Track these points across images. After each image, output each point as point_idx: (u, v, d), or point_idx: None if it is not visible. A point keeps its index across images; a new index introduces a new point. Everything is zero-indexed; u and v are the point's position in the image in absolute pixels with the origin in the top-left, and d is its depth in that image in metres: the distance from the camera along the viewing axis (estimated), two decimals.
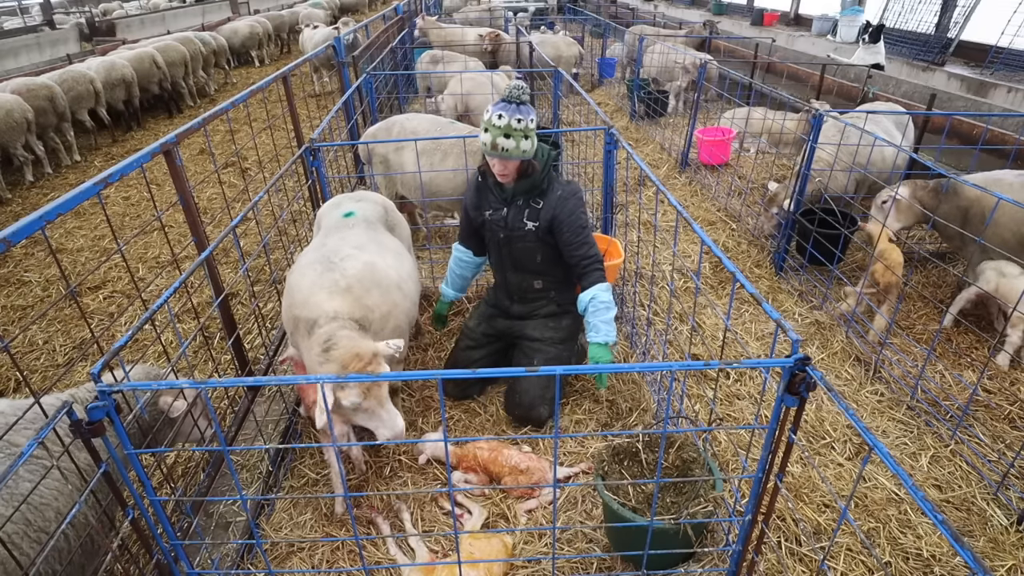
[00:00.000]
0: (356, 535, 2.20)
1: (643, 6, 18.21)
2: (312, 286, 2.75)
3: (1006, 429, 3.29)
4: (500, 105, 2.86)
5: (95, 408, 1.62)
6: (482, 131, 2.92)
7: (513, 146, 2.87)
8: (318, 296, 2.70)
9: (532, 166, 3.07)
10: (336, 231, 3.18)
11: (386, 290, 2.87)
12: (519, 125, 2.84)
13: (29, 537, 1.95)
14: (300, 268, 2.94)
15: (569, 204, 3.11)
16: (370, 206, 3.47)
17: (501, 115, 2.83)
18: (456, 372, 1.69)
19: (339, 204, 3.49)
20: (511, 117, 2.83)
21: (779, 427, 1.86)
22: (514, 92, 2.87)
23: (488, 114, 2.87)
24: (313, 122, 5.65)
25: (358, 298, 2.72)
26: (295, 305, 2.76)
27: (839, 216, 4.63)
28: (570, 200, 3.12)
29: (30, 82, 7.87)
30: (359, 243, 3.05)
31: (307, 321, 2.64)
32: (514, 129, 2.84)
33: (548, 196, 3.15)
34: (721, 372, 3.76)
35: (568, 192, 3.15)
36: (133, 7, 19.92)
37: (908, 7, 8.17)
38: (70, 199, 2.15)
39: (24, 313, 4.88)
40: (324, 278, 2.77)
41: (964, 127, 6.23)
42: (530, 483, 2.91)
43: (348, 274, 2.78)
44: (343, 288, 2.72)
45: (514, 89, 2.87)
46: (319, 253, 2.95)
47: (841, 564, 2.59)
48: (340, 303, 2.67)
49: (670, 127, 8.59)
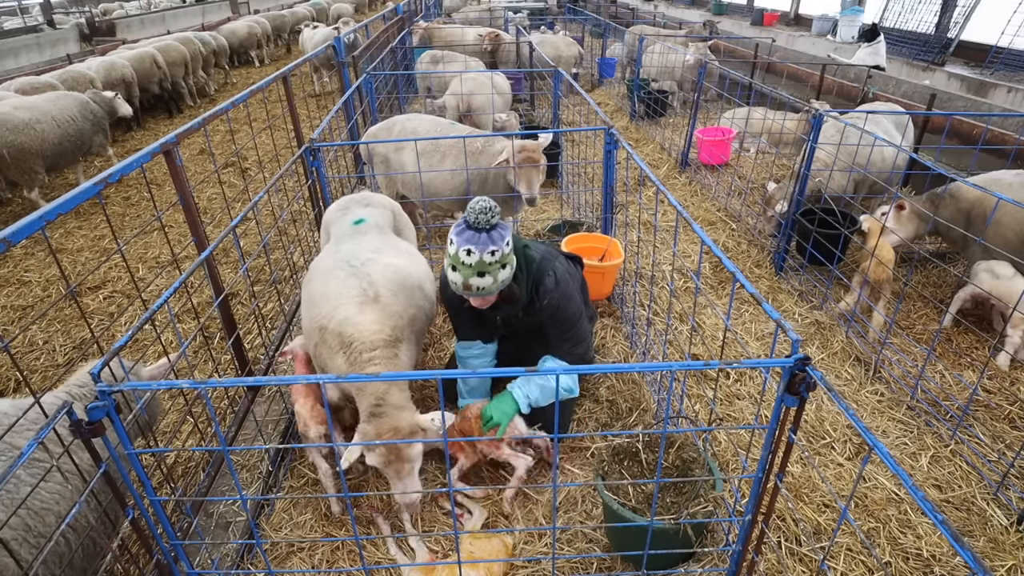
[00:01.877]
0: (356, 535, 2.20)
1: (643, 6, 18.22)
2: (338, 295, 2.71)
3: (1006, 429, 3.29)
4: (466, 236, 2.43)
5: (95, 408, 1.62)
6: (448, 268, 2.51)
7: (490, 283, 2.48)
8: (347, 308, 2.66)
9: (513, 294, 2.67)
10: (349, 238, 3.17)
11: (410, 292, 2.87)
12: (493, 258, 2.43)
13: (28, 543, 1.94)
14: (320, 274, 2.90)
15: (559, 314, 2.84)
16: (379, 211, 3.45)
17: (470, 251, 2.40)
18: (456, 372, 1.69)
19: (347, 209, 3.46)
20: (482, 252, 2.40)
21: (779, 427, 1.86)
22: (480, 218, 2.41)
23: (453, 247, 2.44)
24: (313, 122, 5.65)
25: (387, 306, 2.70)
26: (323, 316, 2.71)
27: (839, 216, 4.63)
28: (559, 309, 2.82)
29: (34, 80, 7.88)
30: (376, 247, 3.04)
31: (339, 337, 2.63)
32: (488, 264, 2.43)
33: (537, 307, 2.82)
34: (721, 372, 3.76)
35: (557, 299, 2.80)
36: (133, 7, 19.91)
37: (908, 7, 8.17)
38: (70, 199, 2.15)
39: (24, 313, 4.88)
40: (349, 285, 2.74)
41: (964, 127, 6.23)
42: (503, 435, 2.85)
43: (374, 280, 2.76)
44: (372, 298, 2.70)
45: (480, 214, 2.41)
46: (337, 258, 2.92)
47: (841, 564, 2.59)
48: (372, 317, 2.64)
49: (670, 127, 8.59)
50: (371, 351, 2.60)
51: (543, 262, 2.82)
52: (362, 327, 2.62)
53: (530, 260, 2.77)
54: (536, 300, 2.80)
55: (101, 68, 9.20)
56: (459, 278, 2.47)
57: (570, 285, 2.88)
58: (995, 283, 3.72)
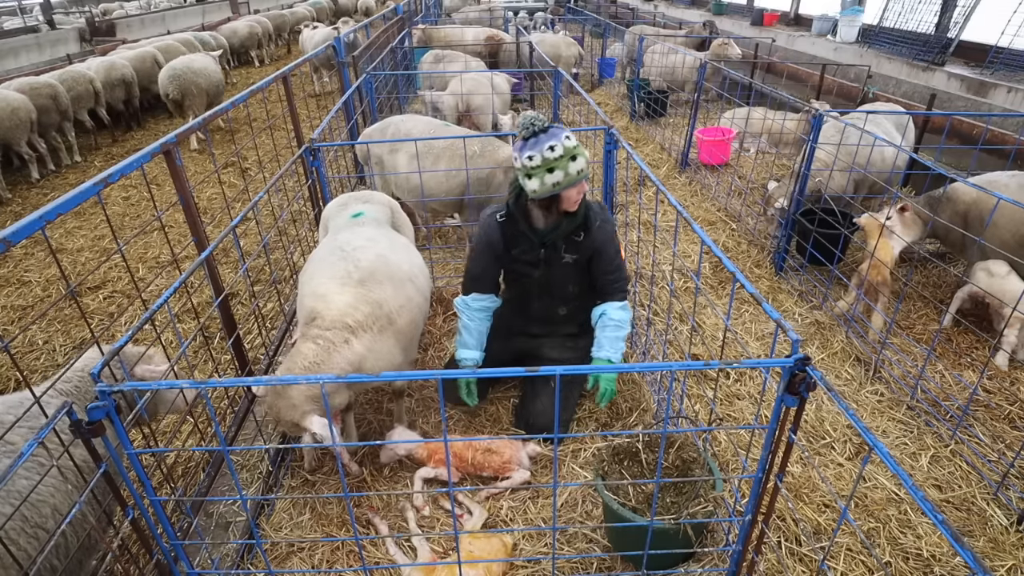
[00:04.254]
0: (356, 535, 2.20)
1: (643, 6, 18.19)
2: (323, 274, 2.79)
3: (1006, 429, 3.29)
4: (536, 141, 2.58)
5: (95, 408, 1.62)
6: (533, 179, 2.64)
7: (584, 164, 2.64)
8: (328, 285, 2.71)
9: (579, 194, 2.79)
10: (346, 229, 3.22)
11: (399, 284, 2.87)
12: (554, 153, 2.57)
13: (26, 533, 1.95)
14: (314, 262, 2.98)
15: (609, 233, 2.98)
16: (377, 207, 3.49)
17: (553, 147, 2.56)
18: (456, 372, 1.69)
19: (345, 204, 3.51)
20: (542, 149, 2.57)
21: (779, 427, 1.86)
22: (536, 123, 2.59)
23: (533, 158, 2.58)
24: (313, 122, 5.65)
25: (369, 291, 2.72)
26: (306, 295, 2.79)
27: (839, 216, 4.63)
28: (609, 228, 2.99)
29: (33, 81, 7.88)
30: (370, 236, 3.08)
31: (310, 311, 2.67)
32: (554, 159, 2.57)
33: (589, 229, 2.96)
34: (721, 372, 3.76)
35: (604, 219, 2.99)
36: (133, 7, 19.89)
37: (908, 7, 8.16)
38: (70, 199, 2.15)
39: (24, 313, 4.88)
40: (337, 267, 2.79)
41: (964, 127, 6.23)
42: (501, 462, 2.93)
43: (361, 265, 2.79)
44: (356, 280, 2.73)
45: (532, 121, 2.59)
46: (331, 246, 2.98)
47: (841, 564, 2.59)
48: (349, 299, 2.66)
49: (670, 127, 8.59)
50: (325, 329, 2.57)
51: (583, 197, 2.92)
52: (333, 305, 2.63)
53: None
54: (591, 221, 2.94)
55: (101, 68, 9.19)
56: (557, 175, 2.59)
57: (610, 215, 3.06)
58: (990, 281, 3.73)
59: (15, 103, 7.29)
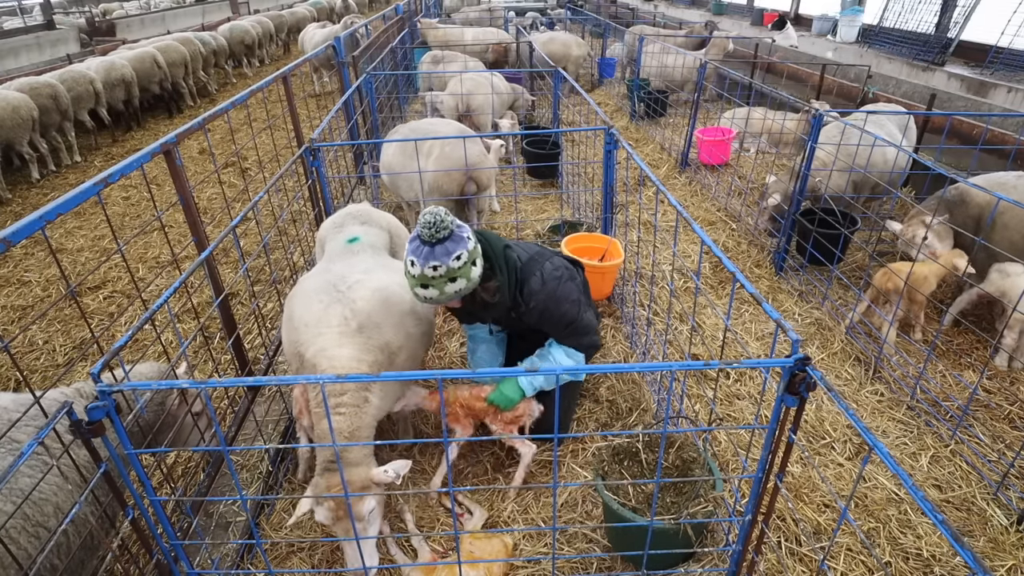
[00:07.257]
0: (356, 535, 2.20)
1: (643, 6, 18.19)
2: (319, 322, 2.59)
3: (1006, 429, 3.29)
4: (413, 246, 2.37)
5: (95, 408, 1.62)
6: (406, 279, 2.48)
7: (436, 295, 2.39)
8: (326, 338, 2.54)
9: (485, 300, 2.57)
10: (341, 257, 3.05)
11: (399, 320, 2.73)
12: (436, 272, 2.33)
13: (27, 532, 1.96)
14: (304, 294, 2.78)
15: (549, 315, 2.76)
16: (375, 231, 3.30)
17: (413, 262, 2.34)
18: (456, 372, 1.69)
19: (342, 226, 3.32)
20: (423, 266, 2.32)
21: (779, 427, 1.86)
22: (424, 232, 2.31)
23: (413, 262, 2.37)
24: (313, 122, 5.65)
25: (369, 339, 2.58)
26: (300, 343, 2.60)
27: (839, 216, 4.63)
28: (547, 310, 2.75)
29: (34, 81, 7.89)
30: (366, 267, 2.91)
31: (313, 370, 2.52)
32: (430, 278, 2.34)
33: (523, 309, 2.74)
34: (721, 372, 3.76)
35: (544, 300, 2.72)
36: (133, 7, 19.90)
37: (908, 7, 8.16)
38: (70, 199, 2.15)
39: (24, 313, 4.88)
40: (331, 313, 2.60)
41: (964, 127, 6.23)
42: (514, 415, 2.89)
43: (358, 308, 2.61)
44: (354, 329, 2.57)
45: (424, 227, 2.30)
46: (323, 279, 2.78)
47: (841, 564, 2.59)
48: (350, 352, 2.51)
49: (670, 127, 8.59)
50: (339, 395, 2.45)
51: (529, 264, 2.76)
52: (337, 363, 2.48)
53: (511, 263, 2.69)
54: (522, 303, 2.72)
55: (101, 68, 9.20)
56: (431, 292, 2.40)
57: (562, 285, 2.77)
58: (1003, 282, 3.69)
59: (16, 102, 7.31)
